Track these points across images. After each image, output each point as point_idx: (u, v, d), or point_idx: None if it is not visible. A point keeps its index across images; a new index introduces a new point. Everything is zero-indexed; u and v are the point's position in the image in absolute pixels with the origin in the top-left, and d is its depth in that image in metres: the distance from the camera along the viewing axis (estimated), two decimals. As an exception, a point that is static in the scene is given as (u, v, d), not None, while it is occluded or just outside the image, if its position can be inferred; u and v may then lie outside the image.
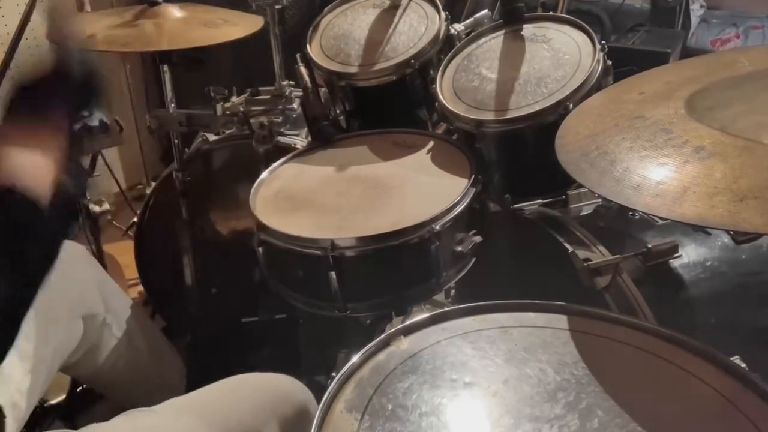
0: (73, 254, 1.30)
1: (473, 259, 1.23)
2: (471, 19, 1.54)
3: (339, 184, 1.28)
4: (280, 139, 1.64)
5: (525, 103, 1.25)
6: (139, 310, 1.46)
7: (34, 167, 0.80)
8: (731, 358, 0.77)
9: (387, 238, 1.11)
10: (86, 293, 1.28)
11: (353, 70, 1.47)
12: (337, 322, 1.23)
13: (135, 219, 1.93)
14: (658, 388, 0.75)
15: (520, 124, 1.24)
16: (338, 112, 1.55)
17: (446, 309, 0.89)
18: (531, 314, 0.88)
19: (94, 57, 0.91)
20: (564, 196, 1.33)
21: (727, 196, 0.70)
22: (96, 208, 1.92)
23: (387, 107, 1.53)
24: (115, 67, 2.65)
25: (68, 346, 1.20)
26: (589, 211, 1.34)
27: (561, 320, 0.86)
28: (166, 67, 1.66)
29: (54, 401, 1.54)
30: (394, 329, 0.86)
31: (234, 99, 1.68)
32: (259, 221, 1.18)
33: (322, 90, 1.52)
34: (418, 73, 1.46)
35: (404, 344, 0.84)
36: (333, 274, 1.12)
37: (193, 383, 1.47)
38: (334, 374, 0.80)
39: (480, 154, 1.30)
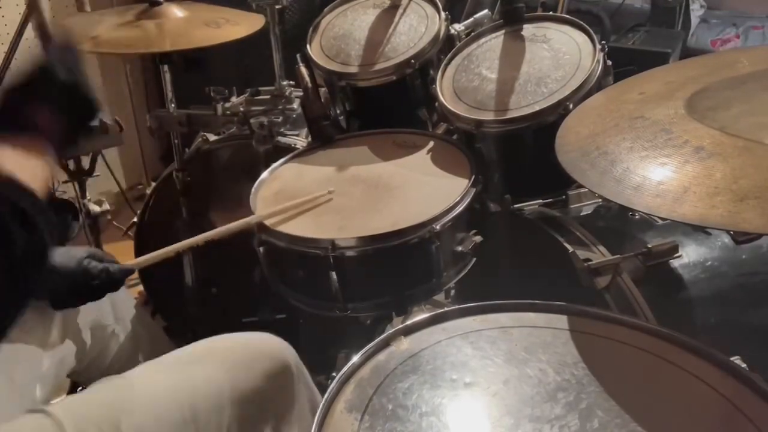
0: None
1: (473, 259, 1.23)
2: (471, 19, 1.54)
3: (339, 184, 1.28)
4: (280, 139, 1.64)
5: (525, 103, 1.25)
6: (144, 315, 1.45)
7: (27, 168, 0.78)
8: (731, 358, 0.77)
9: (387, 238, 1.11)
10: (96, 303, 1.27)
11: (353, 70, 1.47)
12: (337, 322, 1.23)
13: (135, 219, 1.93)
14: (658, 388, 0.76)
15: (520, 125, 1.24)
16: (338, 112, 1.55)
17: (446, 309, 0.89)
18: (531, 314, 0.88)
19: (82, 61, 0.89)
20: (564, 196, 1.33)
21: (727, 196, 0.70)
22: (96, 208, 1.92)
23: (387, 107, 1.53)
24: (116, 67, 2.65)
25: (75, 356, 1.20)
26: (589, 211, 1.34)
27: (561, 320, 0.87)
28: (166, 67, 1.66)
29: (54, 401, 1.54)
30: (394, 329, 0.86)
31: (234, 99, 1.68)
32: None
33: (322, 90, 1.52)
34: (418, 73, 1.46)
35: (404, 344, 0.84)
36: (333, 274, 1.12)
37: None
38: (334, 374, 0.80)
39: (480, 154, 1.30)
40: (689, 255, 1.16)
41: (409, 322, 0.87)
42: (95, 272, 0.97)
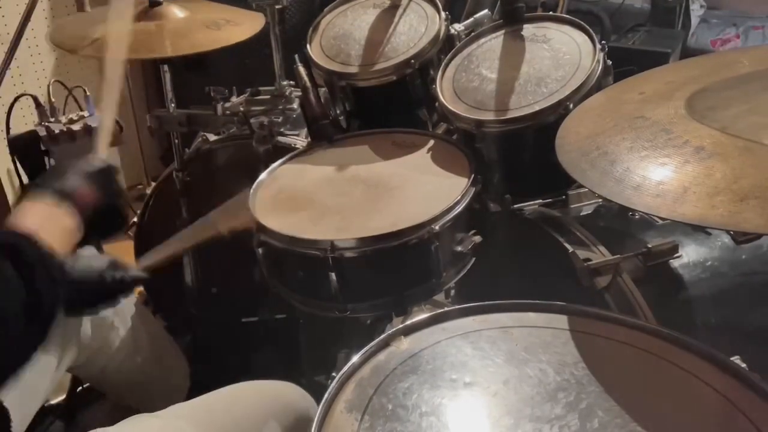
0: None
1: (473, 259, 1.23)
2: (471, 19, 1.54)
3: (339, 184, 1.28)
4: (280, 139, 1.64)
5: (525, 103, 1.25)
6: (145, 312, 1.45)
7: (52, 229, 0.85)
8: (731, 358, 0.77)
9: (387, 238, 1.11)
10: None
11: (353, 70, 1.47)
12: (337, 322, 1.23)
13: (135, 219, 1.93)
14: (658, 388, 0.76)
15: (520, 124, 1.24)
16: (338, 112, 1.55)
17: (446, 309, 0.89)
18: (531, 314, 0.88)
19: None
20: (564, 196, 1.33)
21: (727, 196, 0.70)
22: (96, 208, 1.91)
23: (387, 107, 1.53)
24: (115, 67, 2.64)
25: (75, 349, 1.20)
26: (589, 211, 1.33)
27: (561, 320, 0.86)
28: (166, 67, 1.66)
29: (54, 401, 1.54)
30: (394, 329, 0.86)
31: (234, 99, 1.68)
32: (258, 222, 1.18)
33: (322, 90, 1.51)
34: (418, 73, 1.46)
35: (404, 344, 0.84)
36: (333, 275, 1.12)
37: (196, 384, 1.48)
38: (334, 374, 0.80)
39: (480, 154, 1.30)
40: (689, 255, 1.16)
41: (409, 322, 0.87)
42: (111, 283, 0.98)
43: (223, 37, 1.55)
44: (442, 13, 1.49)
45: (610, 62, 1.28)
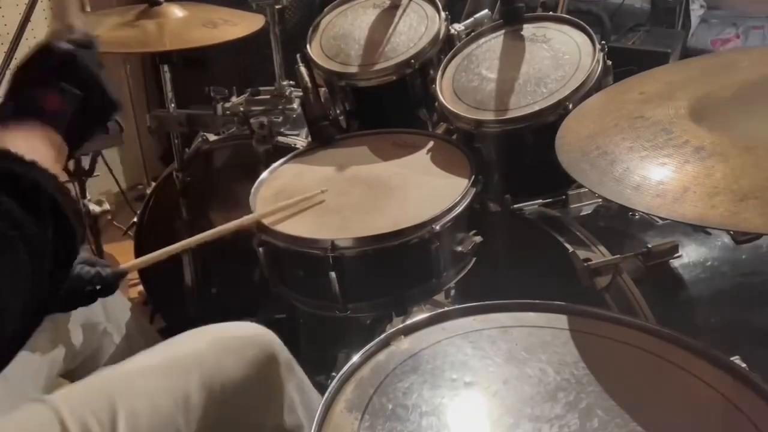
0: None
1: (473, 259, 1.23)
2: (471, 19, 1.54)
3: (339, 184, 1.28)
4: (280, 139, 1.64)
5: (525, 103, 1.25)
6: (138, 315, 1.45)
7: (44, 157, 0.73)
8: (731, 358, 0.77)
9: (387, 238, 1.11)
10: None
11: (353, 70, 1.47)
12: (337, 322, 1.23)
13: (135, 219, 1.93)
14: (658, 388, 0.76)
15: (520, 124, 1.24)
16: (338, 112, 1.55)
17: (446, 309, 0.90)
18: (531, 314, 0.88)
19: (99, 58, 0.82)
20: (564, 196, 1.33)
21: (727, 196, 0.70)
22: (96, 208, 1.92)
23: (387, 107, 1.53)
24: (116, 67, 2.65)
25: (67, 354, 1.20)
26: (589, 211, 1.34)
27: (561, 320, 0.86)
28: (166, 67, 1.67)
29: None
30: (394, 329, 0.86)
31: (234, 99, 1.68)
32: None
33: (322, 90, 1.52)
34: (418, 73, 1.46)
35: (404, 344, 0.84)
36: (333, 275, 1.12)
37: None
38: (334, 374, 0.80)
39: (480, 154, 1.30)
40: (689, 255, 1.16)
41: (409, 322, 0.87)
42: (88, 278, 0.95)
43: (220, 34, 1.55)
44: (442, 13, 1.49)
45: (610, 62, 1.28)
